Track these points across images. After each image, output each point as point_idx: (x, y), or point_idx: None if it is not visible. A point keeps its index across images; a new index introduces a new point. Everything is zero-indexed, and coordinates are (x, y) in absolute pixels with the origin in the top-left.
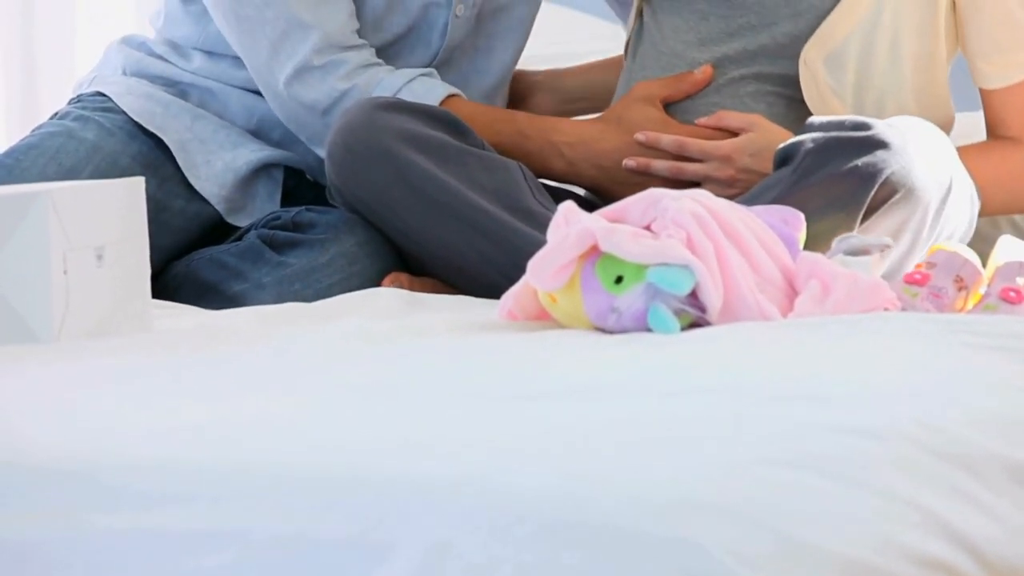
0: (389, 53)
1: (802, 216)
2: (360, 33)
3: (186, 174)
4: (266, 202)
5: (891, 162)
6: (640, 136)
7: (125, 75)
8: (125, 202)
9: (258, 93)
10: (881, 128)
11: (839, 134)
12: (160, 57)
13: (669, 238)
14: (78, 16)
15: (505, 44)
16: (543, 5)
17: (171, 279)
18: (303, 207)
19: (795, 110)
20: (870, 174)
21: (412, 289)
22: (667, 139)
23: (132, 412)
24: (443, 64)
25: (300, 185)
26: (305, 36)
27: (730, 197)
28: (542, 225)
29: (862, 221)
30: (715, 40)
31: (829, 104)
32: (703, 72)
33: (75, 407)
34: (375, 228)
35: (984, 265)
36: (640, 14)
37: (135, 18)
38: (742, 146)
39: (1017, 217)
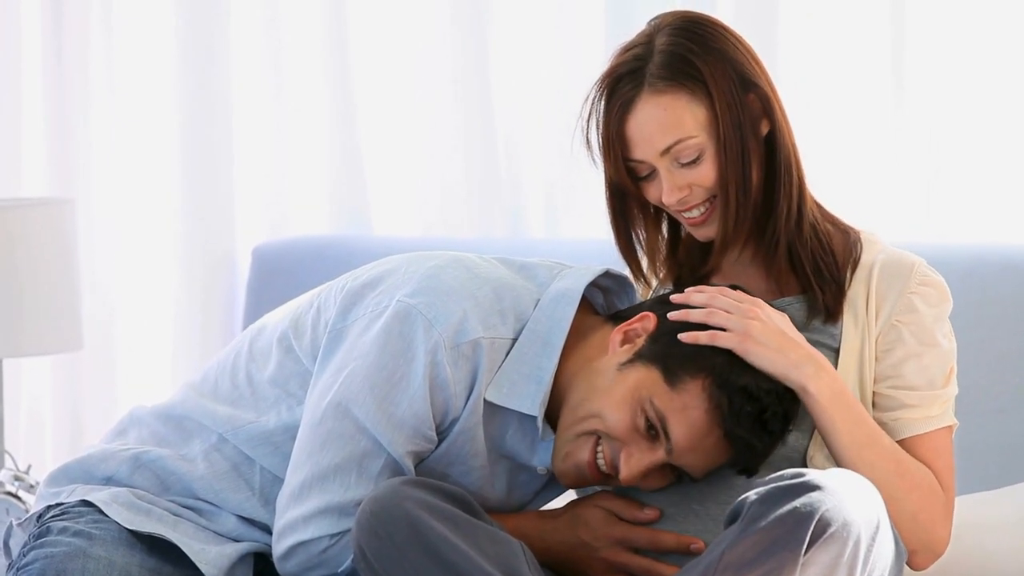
0: None
1: None
2: None
3: (194, 560)
4: None
5: (825, 501)
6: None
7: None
8: None
9: (250, 521)
10: (814, 475)
11: (779, 484)
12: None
13: None
14: None
15: None
16: None
17: None
18: None
19: None
20: (807, 513)
21: None
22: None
23: None
24: None
25: (269, 566)
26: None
27: None
28: None
29: (804, 554)
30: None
31: None
32: (651, 513)
33: None
34: None
35: None
36: None
37: None
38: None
39: None
